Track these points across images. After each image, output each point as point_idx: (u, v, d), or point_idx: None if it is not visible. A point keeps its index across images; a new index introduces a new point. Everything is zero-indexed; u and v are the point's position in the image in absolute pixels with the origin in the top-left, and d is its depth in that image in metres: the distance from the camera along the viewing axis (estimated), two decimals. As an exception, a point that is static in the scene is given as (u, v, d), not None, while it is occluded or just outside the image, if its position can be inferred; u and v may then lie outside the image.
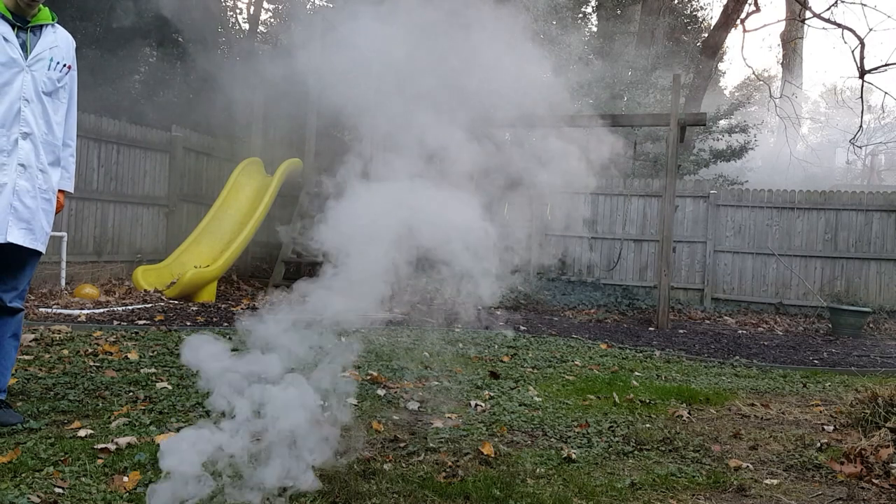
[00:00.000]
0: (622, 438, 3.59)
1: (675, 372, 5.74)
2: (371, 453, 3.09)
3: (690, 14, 21.06)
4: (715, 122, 15.19)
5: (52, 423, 3.26)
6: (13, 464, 2.69)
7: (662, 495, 2.83)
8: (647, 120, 9.99)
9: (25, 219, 3.20)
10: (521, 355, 5.98)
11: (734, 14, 15.26)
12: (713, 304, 11.19)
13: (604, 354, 6.41)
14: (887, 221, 10.65)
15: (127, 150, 9.73)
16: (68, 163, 3.48)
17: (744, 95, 19.27)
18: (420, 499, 2.61)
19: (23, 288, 3.35)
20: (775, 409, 4.48)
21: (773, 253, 11.01)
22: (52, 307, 7.12)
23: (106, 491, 2.50)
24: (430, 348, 5.99)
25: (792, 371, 6.10)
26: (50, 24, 3.31)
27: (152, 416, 3.45)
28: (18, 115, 3.17)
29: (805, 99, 36.73)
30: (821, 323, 10.20)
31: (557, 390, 4.70)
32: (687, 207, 11.43)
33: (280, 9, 16.28)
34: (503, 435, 3.57)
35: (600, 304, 10.70)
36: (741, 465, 3.24)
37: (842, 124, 27.46)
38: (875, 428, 3.57)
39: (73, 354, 4.77)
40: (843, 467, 3.16)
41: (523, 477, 2.92)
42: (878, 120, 27.42)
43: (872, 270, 10.66)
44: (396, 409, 3.95)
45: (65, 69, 3.34)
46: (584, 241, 11.82)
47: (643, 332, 8.43)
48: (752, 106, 21.94)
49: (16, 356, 3.46)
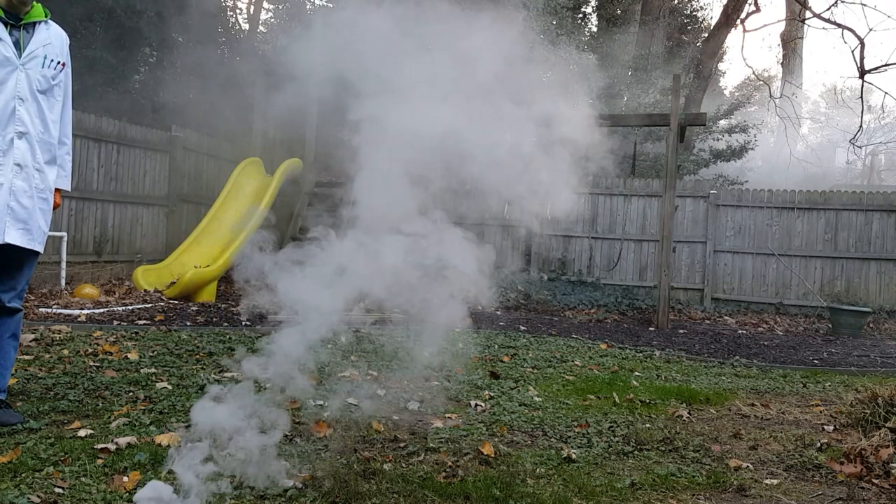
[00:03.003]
0: (622, 438, 3.59)
1: (675, 372, 5.74)
2: (371, 453, 3.09)
3: (690, 14, 21.06)
4: (715, 122, 15.20)
5: (52, 423, 3.26)
6: (13, 464, 2.69)
7: (662, 495, 2.83)
8: (646, 120, 9.99)
9: (22, 219, 3.18)
10: (521, 355, 5.98)
11: (734, 14, 15.26)
12: (713, 304, 11.18)
13: (604, 354, 6.41)
14: (887, 221, 10.65)
15: (127, 150, 9.73)
16: (65, 161, 3.46)
17: (744, 95, 19.26)
18: (420, 499, 2.61)
19: (21, 288, 3.34)
20: (775, 409, 4.48)
21: (773, 253, 11.01)
22: (52, 307, 7.12)
23: (106, 491, 2.50)
24: (430, 348, 5.98)
25: (792, 371, 6.10)
26: (43, 21, 3.27)
27: (152, 416, 3.44)
28: (13, 114, 3.14)
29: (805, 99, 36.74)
30: (821, 323, 10.19)
31: (557, 390, 4.70)
32: (687, 207, 11.43)
33: (280, 9, 16.29)
34: (503, 435, 3.57)
35: (600, 304, 10.70)
36: (741, 465, 3.23)
37: (842, 124, 27.48)
38: (875, 428, 3.57)
39: (73, 354, 4.77)
40: (843, 467, 3.16)
41: (523, 477, 2.92)
42: (878, 120, 27.43)
43: (872, 270, 10.66)
44: (396, 409, 3.95)
45: (59, 66, 3.31)
46: (584, 240, 11.82)
47: (643, 332, 8.43)
48: (752, 106, 21.93)
49: (15, 356, 3.46)
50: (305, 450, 3.04)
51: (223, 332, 6.28)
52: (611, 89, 13.90)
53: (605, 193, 11.73)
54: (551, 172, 3.54)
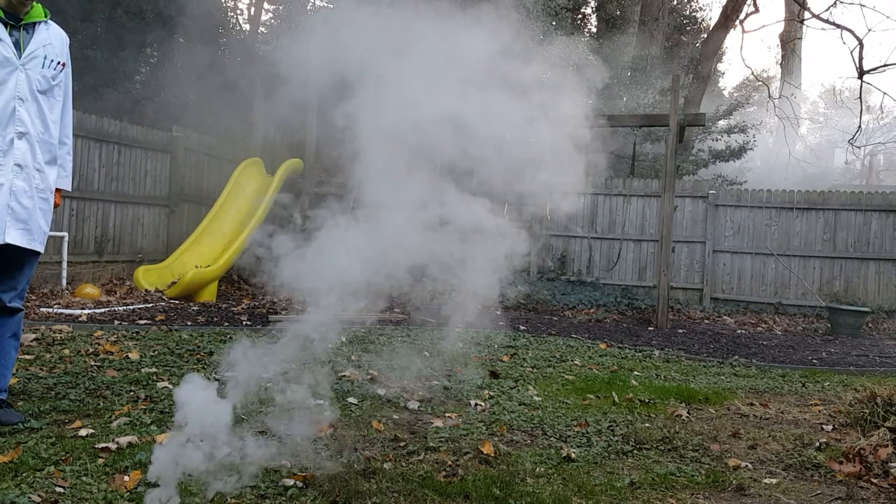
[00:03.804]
0: (621, 438, 3.60)
1: (675, 371, 5.75)
2: (371, 452, 3.10)
3: (690, 15, 21.06)
4: (714, 123, 15.21)
5: (53, 423, 3.26)
6: (14, 463, 2.70)
7: (662, 494, 2.84)
8: (646, 120, 10.00)
9: (23, 219, 3.18)
10: (520, 355, 5.99)
11: (733, 15, 15.29)
12: (712, 304, 11.20)
13: (603, 354, 6.42)
14: (886, 221, 10.66)
15: (128, 150, 9.74)
16: (65, 161, 3.46)
17: (743, 96, 19.30)
18: (420, 498, 2.62)
19: (22, 288, 3.35)
20: (774, 409, 4.49)
21: (772, 253, 11.03)
22: (53, 307, 7.13)
23: (107, 490, 2.51)
24: (430, 348, 6.00)
25: (791, 371, 6.11)
26: (43, 22, 3.27)
27: (153, 415, 3.45)
28: (13, 115, 3.15)
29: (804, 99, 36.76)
30: (820, 323, 10.21)
31: (557, 390, 4.71)
32: (686, 207, 11.45)
33: (280, 9, 16.29)
34: (503, 434, 3.58)
35: (600, 304, 10.71)
36: (740, 464, 3.24)
37: (840, 124, 27.49)
38: (874, 427, 3.58)
39: (74, 354, 4.78)
40: (842, 467, 3.17)
41: (523, 476, 2.93)
42: (877, 120, 27.44)
43: (871, 270, 10.68)
44: (396, 409, 3.96)
45: (59, 67, 3.31)
46: (583, 241, 11.83)
47: (642, 332, 8.44)
48: (751, 106, 21.95)
49: (16, 356, 3.46)
50: (305, 450, 3.05)
51: (224, 331, 6.29)
52: (610, 90, 13.92)
53: (604, 193, 11.74)
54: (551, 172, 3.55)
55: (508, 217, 11.14)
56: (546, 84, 3.75)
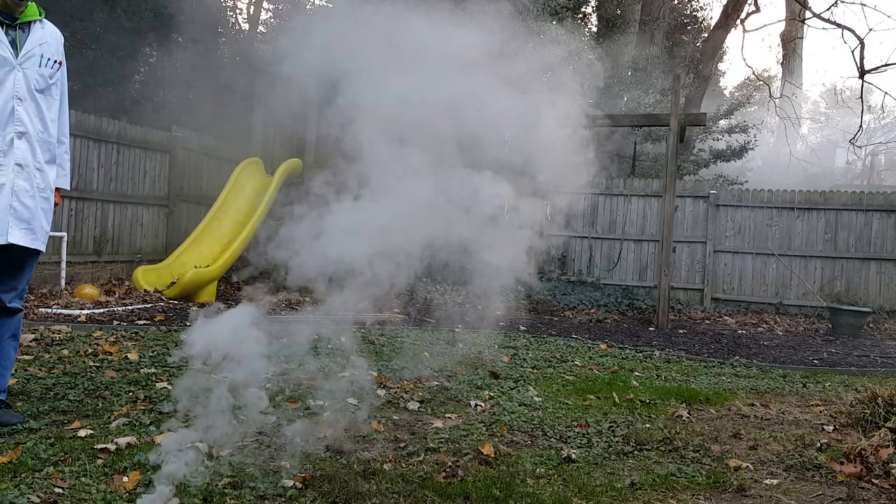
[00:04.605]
0: (622, 438, 3.59)
1: (675, 372, 5.74)
2: (371, 453, 3.09)
3: (690, 14, 21.05)
4: (715, 123, 15.20)
5: (52, 423, 3.26)
6: (13, 464, 2.69)
7: (662, 495, 2.83)
8: (646, 120, 9.99)
9: (25, 219, 3.19)
10: (520, 355, 5.98)
11: (734, 14, 15.27)
12: (713, 304, 11.18)
13: (604, 354, 6.41)
14: (887, 221, 10.65)
15: (127, 150, 9.73)
16: (64, 160, 3.46)
17: (744, 95, 19.28)
18: (420, 499, 2.61)
19: (22, 288, 3.35)
20: (775, 409, 4.48)
21: (773, 253, 11.01)
22: (52, 307, 7.12)
23: (106, 491, 2.50)
24: (430, 348, 5.99)
25: (792, 371, 6.10)
26: (38, 20, 3.26)
27: (152, 416, 3.44)
28: (12, 115, 3.14)
29: (805, 99, 36.73)
30: (821, 323, 10.20)
31: (557, 390, 4.70)
32: (687, 207, 11.43)
33: (280, 9, 16.28)
34: (503, 435, 3.57)
35: (600, 304, 10.70)
36: (741, 465, 3.23)
37: (842, 124, 27.49)
38: (875, 428, 3.57)
39: (73, 354, 4.77)
40: (843, 467, 3.16)
41: (523, 477, 2.92)
42: (878, 120, 27.44)
43: (872, 270, 10.66)
44: (396, 409, 3.95)
45: (56, 65, 3.30)
46: (584, 241, 11.82)
47: (643, 332, 8.43)
48: (752, 106, 21.93)
49: (15, 356, 3.46)
50: (305, 450, 3.04)
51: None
52: (610, 90, 13.90)
53: (604, 193, 11.73)
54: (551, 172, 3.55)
55: (508, 217, 11.10)
56: (546, 84, 3.75)
